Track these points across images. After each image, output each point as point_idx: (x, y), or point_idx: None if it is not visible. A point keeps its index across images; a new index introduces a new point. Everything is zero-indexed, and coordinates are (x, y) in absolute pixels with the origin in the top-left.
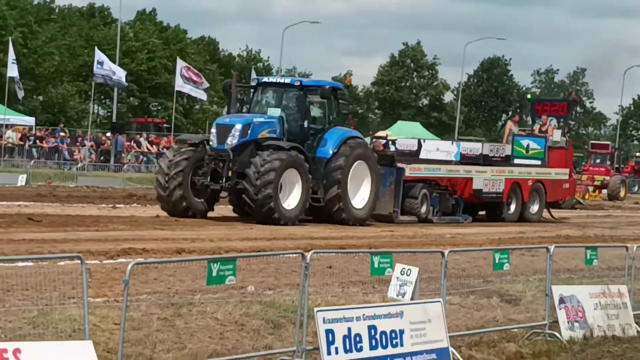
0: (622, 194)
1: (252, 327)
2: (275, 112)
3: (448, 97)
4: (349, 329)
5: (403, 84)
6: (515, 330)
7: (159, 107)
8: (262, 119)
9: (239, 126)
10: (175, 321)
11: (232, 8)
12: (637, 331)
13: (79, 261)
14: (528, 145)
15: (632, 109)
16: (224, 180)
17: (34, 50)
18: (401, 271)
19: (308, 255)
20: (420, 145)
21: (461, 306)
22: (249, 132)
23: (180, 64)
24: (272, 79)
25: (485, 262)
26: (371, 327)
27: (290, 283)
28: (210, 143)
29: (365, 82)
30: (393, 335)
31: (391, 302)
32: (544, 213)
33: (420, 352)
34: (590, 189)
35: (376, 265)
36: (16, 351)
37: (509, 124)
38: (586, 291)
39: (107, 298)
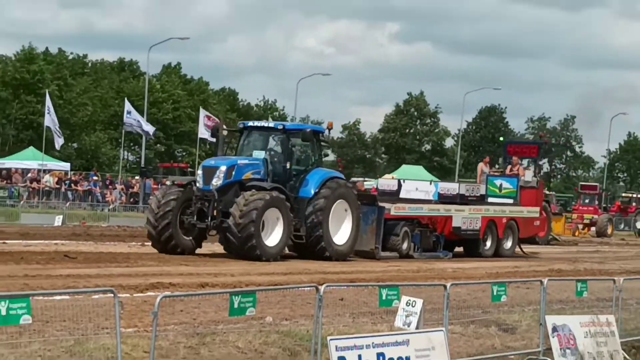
0: (609, 231)
1: (271, 354)
2: (260, 154)
3: (449, 142)
4: (360, 356)
5: (407, 130)
6: (512, 357)
7: (184, 153)
8: (246, 161)
9: (223, 168)
10: (200, 349)
11: (251, 62)
12: (624, 358)
13: (112, 294)
14: (501, 185)
15: (618, 152)
16: (209, 219)
17: (69, 101)
18: (407, 303)
19: (322, 288)
20: (400, 185)
21: (462, 335)
22: (233, 173)
23: (202, 113)
24: (257, 123)
25: (484, 294)
26: (380, 354)
27: (305, 314)
28: (197, 184)
29: (373, 129)
30: None
31: (398, 331)
32: (516, 249)
33: None
34: (580, 226)
35: (384, 297)
36: None
37: (480, 165)
38: (577, 321)
39: (137, 328)
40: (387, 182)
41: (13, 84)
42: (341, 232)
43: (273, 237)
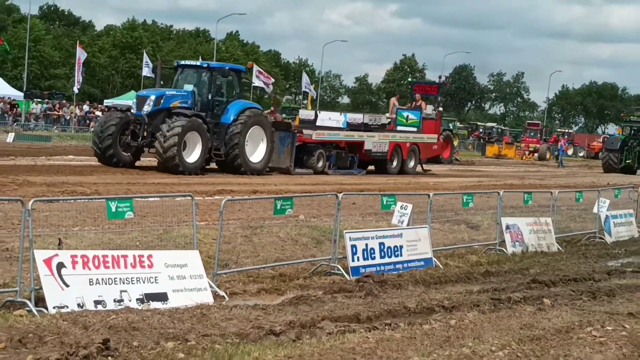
0: (547, 156)
1: (302, 242)
2: (189, 87)
3: None
4: (367, 244)
5: (402, 82)
6: (476, 246)
7: None
8: (173, 92)
9: (152, 97)
10: (252, 238)
11: (291, 30)
12: (557, 249)
13: (190, 197)
14: (407, 116)
15: (555, 99)
16: (140, 139)
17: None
18: (401, 206)
19: (340, 195)
20: (316, 116)
21: (440, 230)
22: (162, 101)
23: (255, 68)
24: (188, 62)
25: (456, 201)
26: (381, 243)
27: (327, 214)
28: (132, 110)
29: (377, 81)
30: (395, 249)
31: (394, 227)
32: (417, 167)
33: (413, 260)
34: (527, 153)
35: (384, 203)
36: (149, 256)
37: (392, 99)
38: (524, 221)
39: (207, 222)
40: (306, 112)
41: (120, 46)
42: (257, 153)
43: (193, 155)
